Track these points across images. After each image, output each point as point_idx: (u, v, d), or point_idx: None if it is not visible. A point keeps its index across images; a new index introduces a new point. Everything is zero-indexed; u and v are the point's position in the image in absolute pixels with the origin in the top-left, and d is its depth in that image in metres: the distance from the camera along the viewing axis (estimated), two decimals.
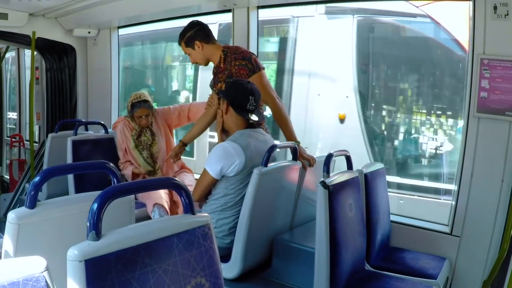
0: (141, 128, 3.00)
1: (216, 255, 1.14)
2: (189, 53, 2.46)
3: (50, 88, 4.31)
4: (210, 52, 2.43)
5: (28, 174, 4.26)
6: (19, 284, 0.78)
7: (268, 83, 2.38)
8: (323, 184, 1.74)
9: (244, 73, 2.32)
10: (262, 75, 2.34)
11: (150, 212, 2.67)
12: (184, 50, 2.48)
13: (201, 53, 2.43)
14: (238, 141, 2.01)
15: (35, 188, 1.20)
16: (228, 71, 2.36)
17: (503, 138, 2.08)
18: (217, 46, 2.44)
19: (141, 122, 2.98)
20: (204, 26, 2.45)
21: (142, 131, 3.00)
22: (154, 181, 1.32)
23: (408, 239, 2.36)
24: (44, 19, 3.83)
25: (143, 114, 2.95)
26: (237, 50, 2.40)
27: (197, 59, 2.47)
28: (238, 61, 2.35)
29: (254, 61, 2.34)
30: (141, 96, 2.95)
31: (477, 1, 2.07)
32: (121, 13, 3.47)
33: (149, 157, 2.99)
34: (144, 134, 3.00)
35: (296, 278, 2.01)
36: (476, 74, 2.12)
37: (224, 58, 2.40)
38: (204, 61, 2.48)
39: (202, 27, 2.43)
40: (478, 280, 2.15)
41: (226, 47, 2.44)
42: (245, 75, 2.31)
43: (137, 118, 2.97)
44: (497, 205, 2.10)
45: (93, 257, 0.90)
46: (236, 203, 2.01)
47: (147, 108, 2.95)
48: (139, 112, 2.94)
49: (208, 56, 2.45)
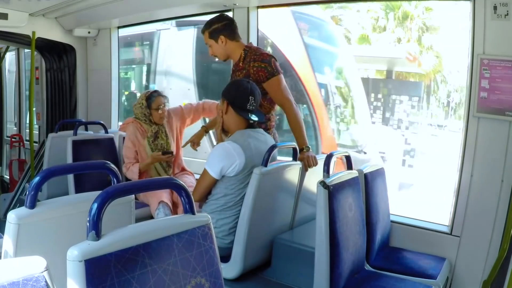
0: (157, 130, 2.91)
1: (216, 255, 1.14)
2: (211, 44, 2.44)
3: (50, 88, 4.31)
4: (232, 49, 2.42)
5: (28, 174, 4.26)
6: (19, 284, 0.78)
7: (285, 87, 2.37)
8: (323, 184, 1.74)
9: (262, 75, 2.31)
10: (280, 79, 2.34)
11: (154, 211, 2.65)
12: (206, 41, 2.46)
13: (223, 48, 2.42)
14: (239, 141, 2.01)
15: (35, 188, 1.19)
16: (246, 71, 2.35)
17: (503, 138, 2.08)
18: (239, 44, 2.43)
19: (161, 115, 2.87)
20: (232, 22, 2.43)
21: (158, 133, 2.91)
22: (154, 181, 1.32)
23: (408, 239, 2.36)
24: (44, 19, 3.83)
25: (161, 103, 2.87)
26: (257, 51, 2.39)
27: (217, 52, 2.45)
28: (257, 63, 2.33)
29: (273, 64, 2.33)
30: (151, 90, 2.92)
31: (477, 1, 2.07)
32: (121, 13, 3.47)
33: (165, 161, 2.91)
34: (161, 137, 2.91)
35: (296, 278, 2.01)
36: (476, 74, 2.12)
37: (244, 57, 2.39)
38: (223, 56, 2.46)
39: (230, 23, 2.42)
40: (478, 280, 2.15)
41: (248, 46, 2.43)
42: (263, 77, 2.31)
43: (156, 111, 2.86)
44: (497, 205, 2.10)
45: (93, 257, 0.90)
46: (236, 203, 2.01)
47: (163, 96, 2.89)
48: (157, 102, 2.86)
49: (229, 53, 2.44)
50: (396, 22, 16.27)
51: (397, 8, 15.59)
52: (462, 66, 13.52)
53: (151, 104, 2.87)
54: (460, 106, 14.19)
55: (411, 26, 16.29)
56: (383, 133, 9.44)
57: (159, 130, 2.93)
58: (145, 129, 2.92)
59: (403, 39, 15.66)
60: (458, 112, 13.19)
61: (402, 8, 15.66)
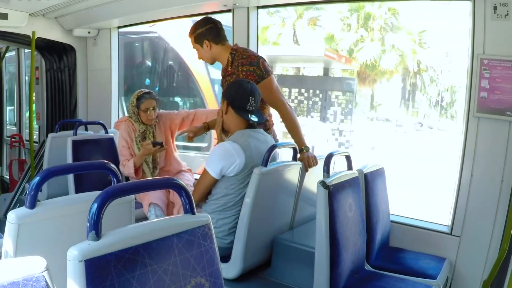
0: (144, 130, 2.89)
1: (216, 255, 1.14)
2: (197, 49, 2.42)
3: (50, 88, 4.31)
4: (218, 53, 2.39)
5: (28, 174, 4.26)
6: (19, 284, 0.78)
7: (277, 88, 2.35)
8: (323, 184, 1.74)
9: (252, 79, 2.26)
10: (271, 80, 2.31)
11: (146, 212, 2.65)
12: (192, 45, 2.44)
13: (209, 52, 2.39)
14: (239, 141, 2.01)
15: (35, 188, 1.19)
16: (236, 75, 2.32)
17: (503, 138, 2.08)
18: (226, 47, 2.39)
19: (148, 117, 2.83)
20: (216, 25, 2.39)
21: (145, 132, 2.89)
22: (154, 181, 1.32)
23: (408, 239, 2.36)
24: (44, 19, 3.83)
25: (151, 106, 2.82)
26: (244, 54, 2.35)
27: (203, 56, 2.43)
28: (246, 67, 2.30)
29: (262, 66, 2.30)
30: (145, 90, 2.88)
31: (477, 1, 2.07)
32: (121, 13, 3.47)
33: (150, 161, 2.88)
34: (148, 137, 2.88)
35: (296, 278, 2.01)
36: (476, 74, 2.12)
37: (232, 61, 2.35)
38: (211, 60, 2.44)
39: (214, 26, 2.38)
40: (478, 280, 2.15)
41: (234, 49, 2.38)
42: (253, 81, 2.26)
43: (144, 113, 2.83)
44: (497, 205, 2.10)
45: (93, 257, 0.90)
46: (236, 203, 2.01)
47: (154, 99, 2.84)
48: (146, 104, 2.82)
49: (216, 57, 2.41)
50: (358, 24, 17.59)
51: (360, 9, 16.77)
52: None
53: (140, 105, 2.84)
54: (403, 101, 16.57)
55: (373, 26, 17.49)
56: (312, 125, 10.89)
57: (146, 130, 2.89)
58: (136, 128, 2.90)
59: (366, 38, 17.08)
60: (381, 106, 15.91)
61: (364, 9, 16.58)
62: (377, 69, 16.38)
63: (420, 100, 16.12)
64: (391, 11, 16.35)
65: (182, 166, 3.05)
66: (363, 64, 16.12)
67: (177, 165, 3.03)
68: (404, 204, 3.25)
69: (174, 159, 3.03)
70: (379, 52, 16.26)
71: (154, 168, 2.91)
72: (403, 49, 16.02)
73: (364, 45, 16.41)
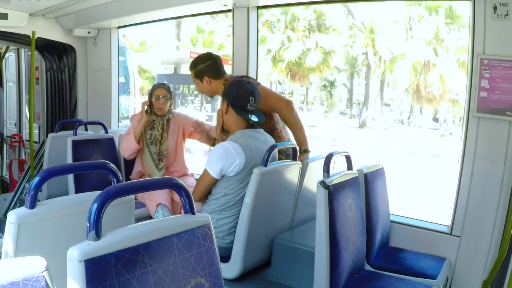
0: (153, 120, 2.91)
1: (216, 255, 1.14)
2: (197, 83, 2.51)
3: (50, 88, 4.31)
4: (217, 87, 2.47)
5: (28, 174, 4.26)
6: (19, 284, 0.78)
7: (271, 92, 2.41)
8: (323, 184, 1.73)
9: None
10: (261, 89, 2.30)
11: (153, 213, 2.65)
12: (193, 79, 2.52)
13: (209, 87, 2.48)
14: (239, 141, 2.01)
15: (35, 188, 1.19)
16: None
17: (503, 138, 2.08)
18: (223, 80, 2.46)
19: (159, 105, 2.88)
20: (216, 61, 2.47)
21: (154, 123, 2.92)
22: (154, 181, 1.32)
23: (408, 239, 2.36)
24: (44, 19, 3.83)
25: (161, 94, 2.88)
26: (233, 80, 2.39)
27: (203, 90, 2.52)
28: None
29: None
30: (162, 82, 2.96)
31: (477, 1, 2.07)
32: (121, 13, 3.47)
33: (156, 153, 2.90)
34: (157, 128, 2.91)
35: (296, 278, 2.01)
36: (476, 74, 2.11)
37: None
38: (210, 94, 2.53)
39: (214, 62, 2.46)
40: (478, 280, 2.15)
41: (226, 80, 2.45)
42: None
43: (155, 101, 2.88)
44: (497, 205, 2.10)
45: (93, 257, 0.90)
46: (236, 203, 2.01)
47: (165, 89, 2.91)
48: (157, 92, 2.89)
49: (215, 91, 2.50)
50: (285, 25, 20.04)
51: (287, 12, 19.02)
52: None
53: (152, 93, 2.92)
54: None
55: (298, 27, 19.88)
56: None
57: (156, 121, 2.93)
58: (149, 119, 2.95)
59: (293, 38, 19.70)
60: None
61: (291, 12, 17.88)
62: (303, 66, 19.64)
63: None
64: (316, 13, 18.96)
65: (187, 170, 3.07)
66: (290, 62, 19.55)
67: (184, 169, 3.05)
68: None
69: (182, 162, 3.05)
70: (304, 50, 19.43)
71: (160, 160, 2.93)
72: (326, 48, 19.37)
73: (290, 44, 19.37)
